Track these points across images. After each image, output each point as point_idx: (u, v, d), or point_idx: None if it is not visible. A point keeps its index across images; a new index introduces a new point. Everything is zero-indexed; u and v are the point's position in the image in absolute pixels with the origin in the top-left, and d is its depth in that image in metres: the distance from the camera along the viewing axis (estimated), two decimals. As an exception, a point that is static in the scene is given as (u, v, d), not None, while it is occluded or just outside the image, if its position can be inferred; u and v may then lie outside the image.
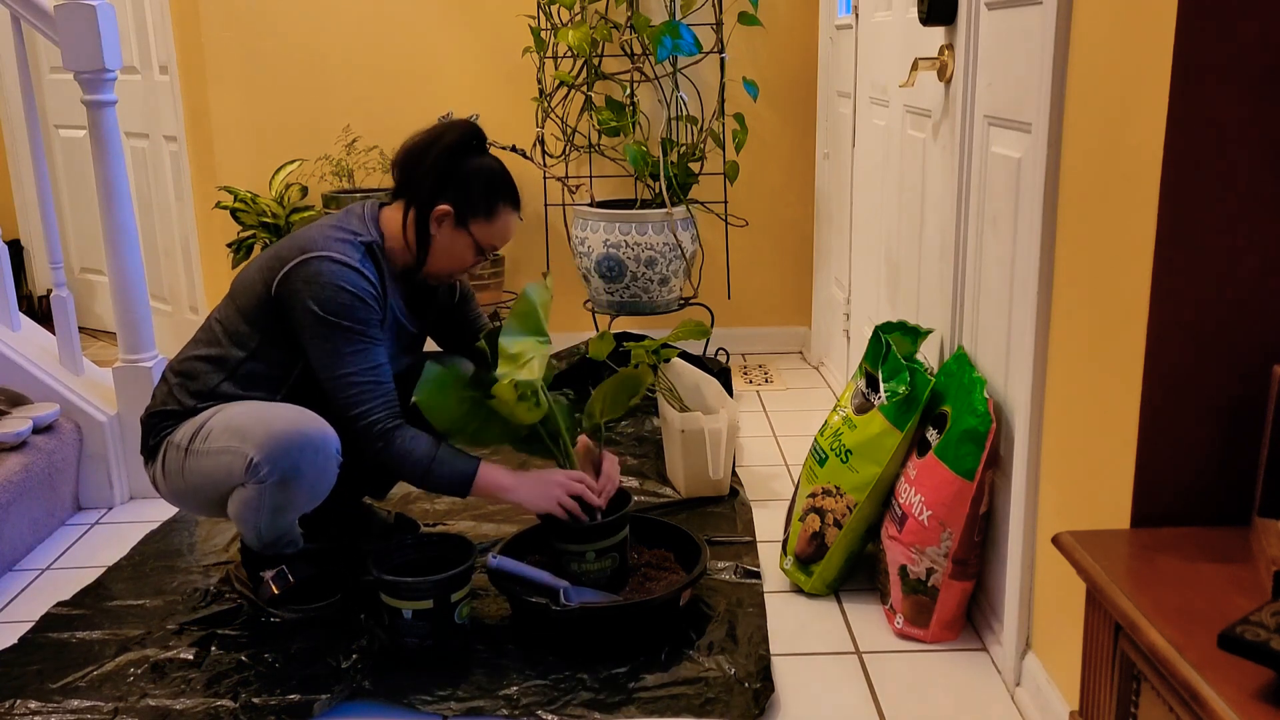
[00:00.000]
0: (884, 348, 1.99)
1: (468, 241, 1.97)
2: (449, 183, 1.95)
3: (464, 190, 1.95)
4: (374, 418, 1.87)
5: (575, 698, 1.75)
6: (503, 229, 2.00)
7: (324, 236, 1.90)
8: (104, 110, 2.45)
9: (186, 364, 1.98)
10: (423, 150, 1.96)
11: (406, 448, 1.87)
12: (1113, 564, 1.17)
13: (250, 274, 1.97)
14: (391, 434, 1.87)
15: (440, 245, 1.98)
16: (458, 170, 1.95)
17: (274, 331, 1.93)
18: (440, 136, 1.97)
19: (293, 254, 1.89)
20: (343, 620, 2.00)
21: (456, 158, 1.95)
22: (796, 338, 3.85)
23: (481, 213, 1.96)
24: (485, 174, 1.97)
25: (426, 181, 1.95)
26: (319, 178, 3.64)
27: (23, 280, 4.34)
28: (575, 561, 1.93)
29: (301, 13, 3.57)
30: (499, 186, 1.98)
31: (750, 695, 1.74)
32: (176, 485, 1.96)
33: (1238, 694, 0.92)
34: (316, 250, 1.87)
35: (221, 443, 1.88)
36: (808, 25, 3.57)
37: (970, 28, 1.92)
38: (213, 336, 1.98)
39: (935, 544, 1.85)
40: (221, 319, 1.98)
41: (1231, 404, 1.28)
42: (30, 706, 1.76)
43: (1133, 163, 1.30)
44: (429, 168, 1.94)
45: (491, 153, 2.03)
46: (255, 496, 1.87)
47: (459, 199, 1.95)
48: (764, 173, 3.69)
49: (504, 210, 1.99)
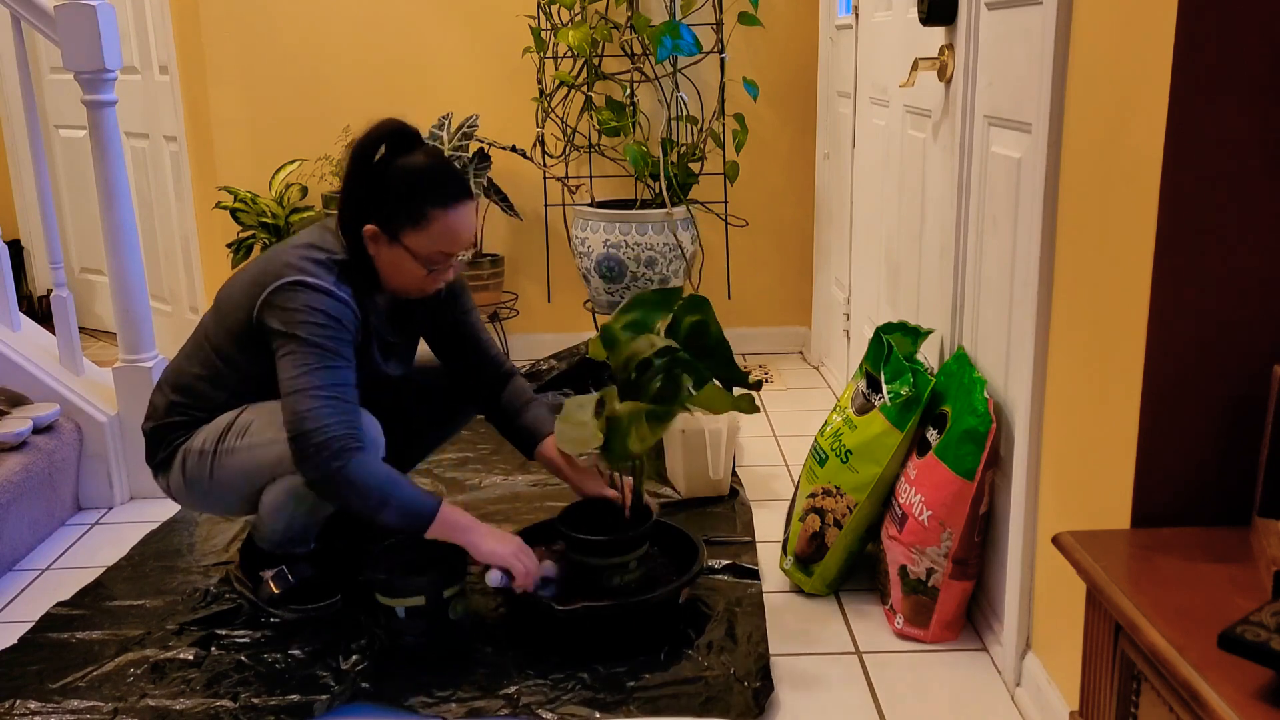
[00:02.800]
0: (886, 349, 1.99)
1: (405, 255, 1.84)
2: (368, 196, 1.83)
3: (382, 202, 1.82)
4: (334, 434, 1.75)
5: (575, 697, 1.75)
6: (443, 233, 1.83)
7: (299, 258, 1.83)
8: (104, 110, 2.45)
9: (184, 380, 1.97)
10: (348, 163, 1.85)
11: (367, 471, 1.77)
12: (1113, 564, 1.17)
13: (235, 294, 1.91)
14: (351, 453, 1.76)
15: (384, 265, 1.87)
16: (374, 180, 1.82)
17: (260, 355, 1.88)
18: (358, 144, 1.83)
19: (268, 279, 1.83)
20: (343, 621, 2.00)
21: (372, 165, 1.83)
22: (796, 338, 3.85)
23: (407, 222, 1.82)
24: (405, 177, 1.81)
25: (349, 199, 1.85)
26: (319, 178, 3.64)
27: (23, 280, 4.34)
28: (619, 574, 1.88)
29: (301, 13, 3.57)
30: (423, 187, 1.81)
31: (750, 694, 1.74)
32: (201, 489, 1.95)
33: (1238, 694, 0.92)
34: (291, 275, 1.81)
35: (268, 434, 1.86)
36: (808, 25, 3.57)
37: (970, 28, 1.92)
38: (206, 356, 1.95)
39: (935, 544, 1.85)
40: (212, 338, 1.94)
41: (1231, 404, 1.28)
42: (30, 706, 1.76)
43: (1133, 163, 1.30)
44: (346, 183, 1.86)
45: (427, 146, 1.88)
46: (304, 485, 1.84)
47: (380, 213, 1.83)
48: (764, 173, 3.69)
49: (435, 213, 1.81)
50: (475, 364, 2.14)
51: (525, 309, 3.78)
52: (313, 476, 1.78)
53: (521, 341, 3.80)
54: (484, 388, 2.15)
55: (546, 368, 3.32)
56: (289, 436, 1.78)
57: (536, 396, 2.17)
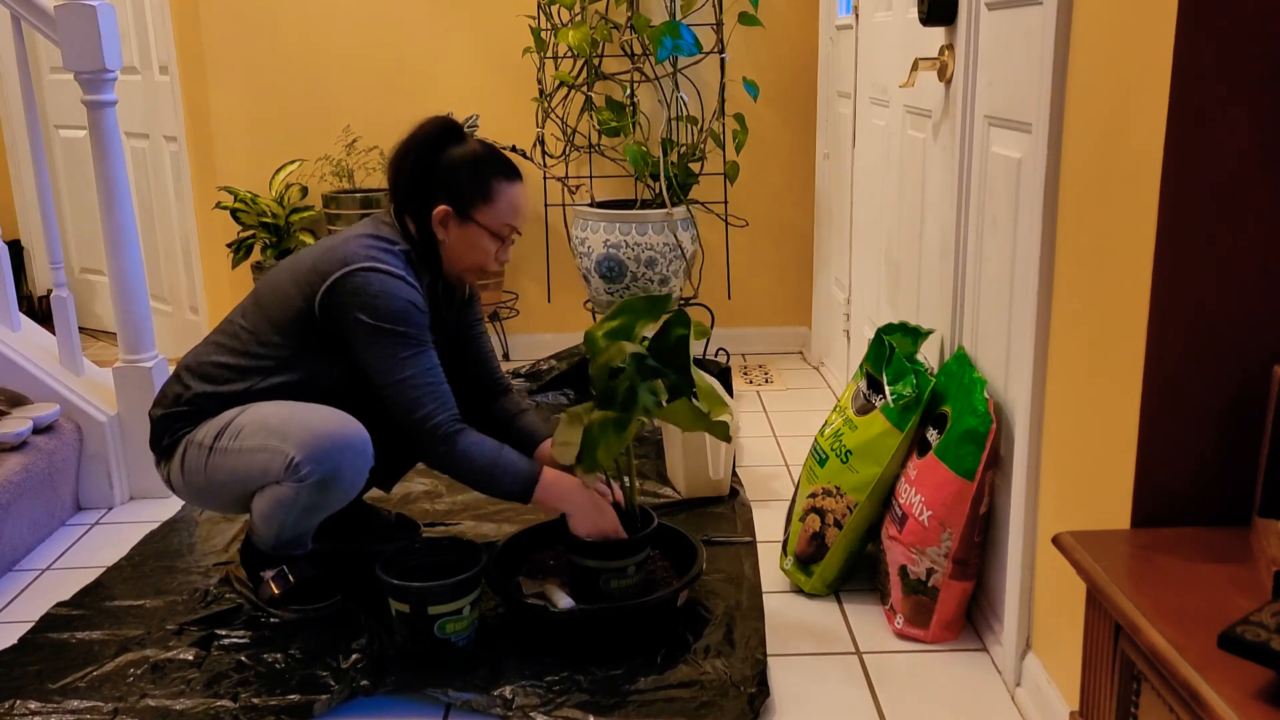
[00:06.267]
0: (887, 350, 1.99)
1: (479, 232, 1.94)
2: (436, 182, 1.93)
3: (452, 183, 1.92)
4: (437, 420, 1.86)
5: (570, 700, 1.75)
6: (510, 205, 1.95)
7: (363, 246, 1.89)
8: (104, 110, 2.45)
9: (207, 368, 1.97)
10: (401, 158, 1.95)
11: (470, 452, 1.87)
12: (1113, 564, 1.17)
13: (282, 284, 1.95)
14: (454, 437, 1.87)
15: (454, 245, 1.96)
16: (439, 166, 1.92)
17: (311, 344, 1.92)
18: (412, 139, 1.94)
19: (333, 267, 1.87)
20: (343, 620, 2.00)
21: (434, 155, 1.93)
22: (796, 338, 3.85)
23: (479, 198, 1.93)
24: (468, 159, 1.93)
25: (415, 189, 1.93)
26: (319, 178, 3.64)
27: (23, 280, 4.34)
28: (616, 578, 1.89)
29: (301, 13, 3.57)
30: (486, 165, 1.94)
31: (745, 699, 1.73)
32: (196, 482, 1.96)
33: (1238, 694, 0.92)
34: (360, 261, 1.87)
35: (257, 441, 1.88)
36: (808, 25, 3.57)
37: (970, 28, 1.92)
38: (240, 344, 1.96)
39: (935, 544, 1.85)
40: (251, 328, 1.96)
41: (1231, 404, 1.28)
42: (30, 707, 1.76)
43: (1133, 163, 1.30)
44: (410, 175, 1.93)
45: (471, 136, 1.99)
46: (291, 495, 1.87)
47: (452, 194, 1.93)
48: (764, 173, 3.69)
49: (501, 185, 1.94)
50: (475, 373, 2.18)
51: (525, 309, 3.78)
52: (429, 461, 1.92)
53: (521, 341, 3.80)
54: (480, 397, 2.18)
55: (546, 368, 3.33)
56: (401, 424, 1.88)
57: (530, 408, 2.24)
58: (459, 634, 1.86)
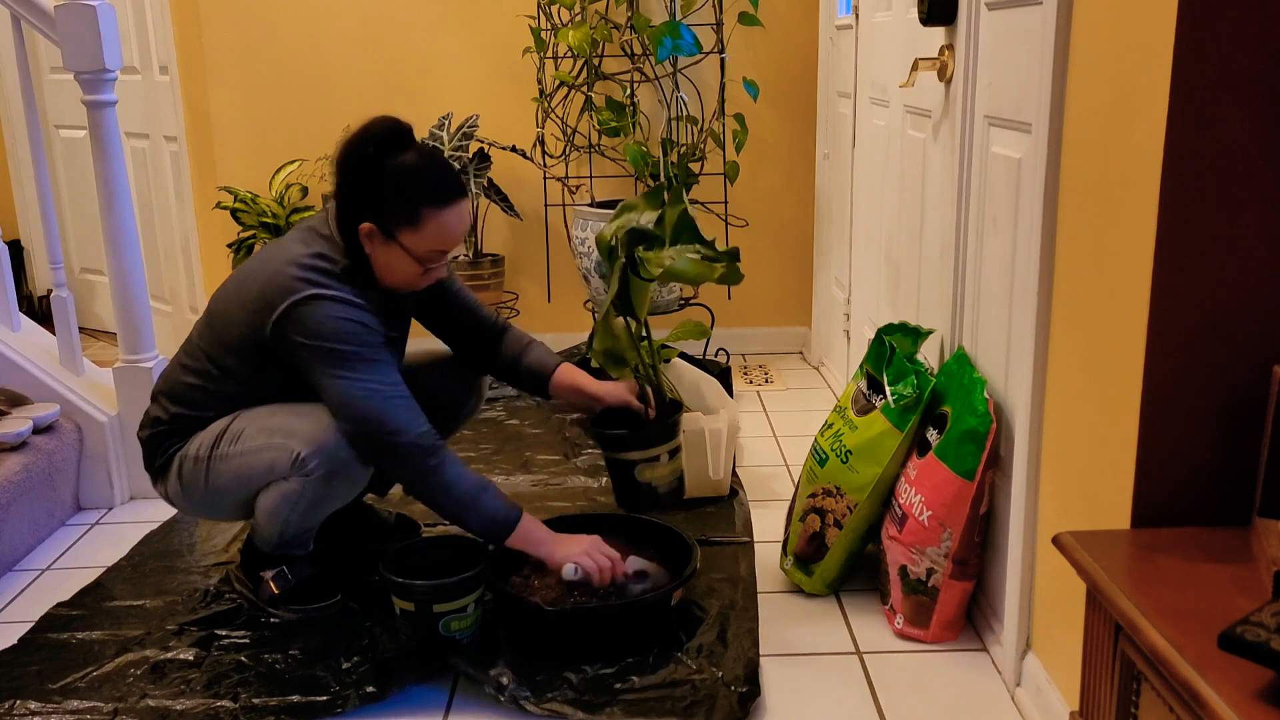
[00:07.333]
0: (888, 351, 1.99)
1: (403, 254, 1.84)
2: (365, 194, 1.82)
3: (379, 200, 1.81)
4: (419, 432, 1.80)
5: (560, 696, 1.75)
6: (437, 233, 1.82)
7: (303, 270, 1.82)
8: (104, 110, 2.45)
9: (179, 390, 1.96)
10: (341, 163, 1.85)
11: (457, 472, 1.82)
12: (1113, 564, 1.17)
13: (230, 309, 1.89)
14: (441, 451, 1.81)
15: (380, 262, 1.86)
16: (371, 178, 1.81)
17: (266, 366, 1.89)
18: (353, 143, 1.83)
19: (278, 296, 1.80)
20: (343, 621, 2.00)
21: (368, 164, 1.81)
22: (796, 338, 3.85)
23: (404, 220, 1.81)
24: (401, 176, 1.80)
25: (346, 199, 1.85)
26: (319, 178, 3.64)
27: (23, 280, 4.34)
28: (649, 467, 1.88)
29: (301, 13, 3.57)
30: (417, 187, 1.80)
31: (735, 699, 1.73)
32: (197, 495, 1.96)
33: (1238, 694, 0.92)
34: (301, 291, 1.80)
35: (260, 440, 1.87)
36: (808, 25, 3.57)
37: (970, 28, 1.92)
38: (201, 366, 1.94)
39: (935, 544, 1.85)
40: (207, 350, 1.93)
41: (1231, 404, 1.28)
42: (30, 707, 1.76)
43: (1133, 163, 1.30)
44: (343, 183, 1.85)
45: (420, 144, 1.87)
46: (297, 490, 1.86)
47: (377, 211, 1.82)
48: (764, 173, 3.69)
49: (429, 212, 1.80)
50: (469, 326, 2.14)
51: (525, 309, 3.78)
52: (406, 477, 1.83)
53: (521, 341, 3.80)
54: (482, 345, 2.15)
55: (546, 368, 3.32)
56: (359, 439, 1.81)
57: (533, 339, 2.17)
58: (463, 631, 1.86)
